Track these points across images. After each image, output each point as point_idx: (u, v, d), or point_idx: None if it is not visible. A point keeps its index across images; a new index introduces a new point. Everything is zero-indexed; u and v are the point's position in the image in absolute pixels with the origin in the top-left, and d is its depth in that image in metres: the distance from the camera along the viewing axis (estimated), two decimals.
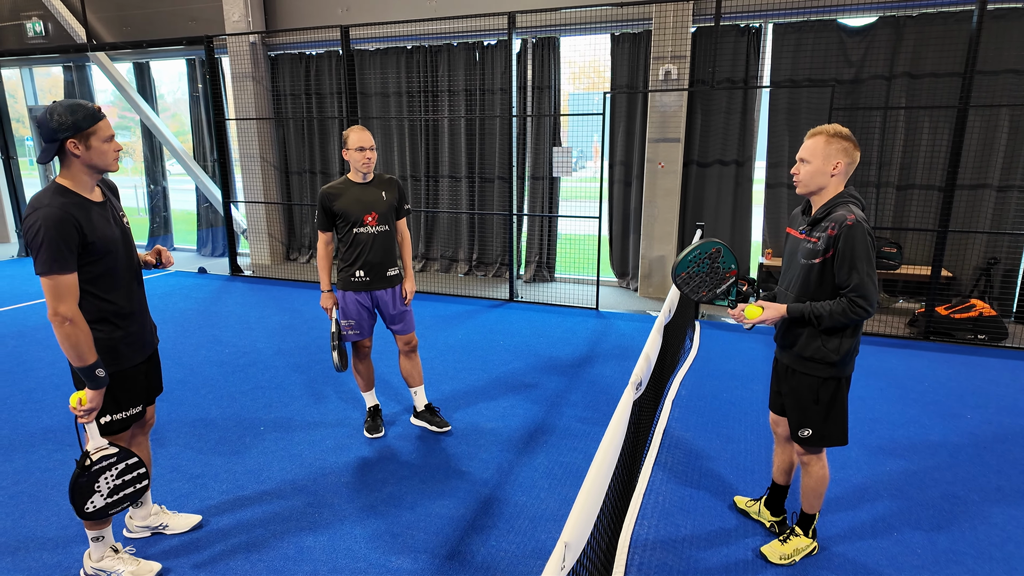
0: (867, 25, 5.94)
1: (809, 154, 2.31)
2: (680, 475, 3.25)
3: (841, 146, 2.27)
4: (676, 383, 4.43)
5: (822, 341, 2.35)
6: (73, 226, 2.04)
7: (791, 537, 2.64)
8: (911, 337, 5.53)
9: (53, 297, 2.03)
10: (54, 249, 2.00)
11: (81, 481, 2.15)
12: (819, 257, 2.30)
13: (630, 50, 6.70)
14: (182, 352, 5.10)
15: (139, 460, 2.32)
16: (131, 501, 2.33)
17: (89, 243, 2.09)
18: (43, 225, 1.99)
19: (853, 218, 2.21)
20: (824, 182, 2.32)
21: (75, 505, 2.16)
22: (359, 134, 3.33)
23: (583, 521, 1.47)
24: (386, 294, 3.50)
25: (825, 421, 2.44)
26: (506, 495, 3.07)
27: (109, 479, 2.21)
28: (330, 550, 2.65)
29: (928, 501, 3.02)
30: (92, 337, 2.11)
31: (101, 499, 2.21)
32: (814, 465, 2.53)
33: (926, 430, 3.76)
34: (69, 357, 2.08)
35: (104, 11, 8.95)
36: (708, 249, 2.48)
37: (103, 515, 2.24)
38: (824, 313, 2.29)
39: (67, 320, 2.04)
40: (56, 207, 2.03)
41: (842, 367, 2.39)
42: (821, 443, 2.47)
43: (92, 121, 2.10)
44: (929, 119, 5.93)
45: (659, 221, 6.74)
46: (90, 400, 2.12)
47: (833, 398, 2.42)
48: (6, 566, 2.54)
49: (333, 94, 8.16)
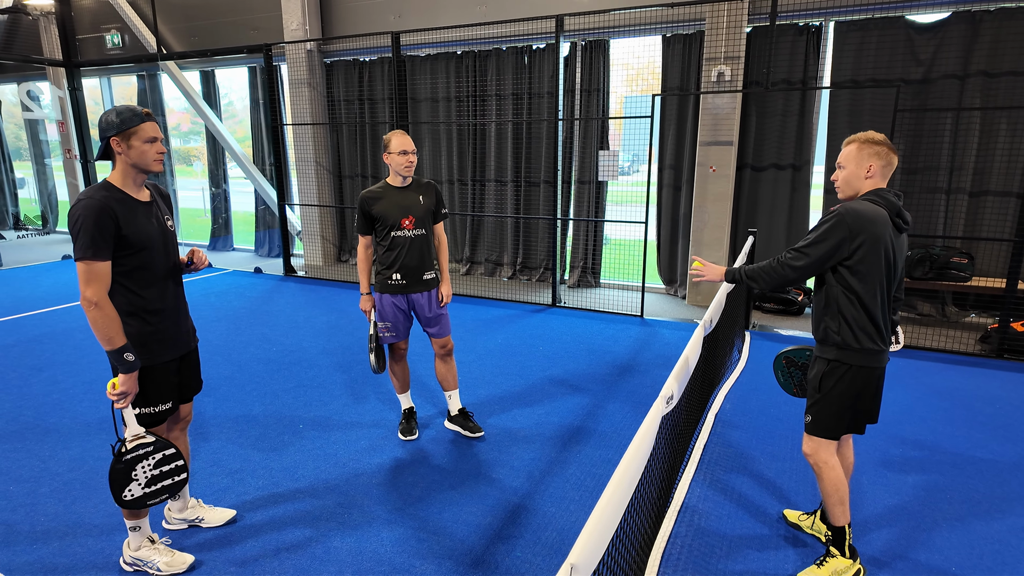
0: (938, 21, 5.59)
1: (844, 160, 2.40)
2: (720, 493, 3.11)
3: (873, 150, 2.33)
4: (720, 396, 4.27)
5: (827, 319, 2.39)
6: (110, 217, 2.15)
7: (827, 559, 2.49)
8: (982, 354, 5.14)
9: (84, 281, 2.13)
10: (90, 236, 2.11)
11: (118, 468, 2.24)
12: None
13: (682, 52, 6.53)
14: (232, 349, 5.28)
15: (176, 452, 2.38)
16: (170, 494, 2.39)
17: (123, 235, 2.19)
18: (82, 214, 2.12)
19: (842, 208, 2.29)
20: (860, 185, 2.39)
21: (113, 492, 2.25)
22: (401, 138, 3.36)
23: (594, 543, 1.40)
24: (422, 297, 3.51)
25: (820, 408, 2.43)
26: (535, 505, 3.01)
27: (146, 468, 2.29)
28: (356, 552, 2.67)
29: (993, 535, 2.78)
30: (120, 322, 2.19)
31: (139, 488, 2.29)
32: (820, 465, 2.47)
33: (995, 455, 3.47)
34: (100, 340, 2.17)
35: (174, 23, 9.44)
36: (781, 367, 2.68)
37: (141, 505, 2.32)
38: (755, 273, 2.42)
39: (93, 304, 2.13)
40: (97, 199, 2.15)
41: (848, 352, 2.34)
42: (815, 430, 2.45)
43: (135, 122, 2.21)
44: (1007, 120, 5.52)
45: (709, 227, 6.53)
46: (122, 384, 2.19)
47: (833, 383, 2.38)
48: (54, 550, 2.67)
49: (385, 99, 8.31)
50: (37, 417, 3.95)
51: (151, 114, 2.27)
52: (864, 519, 2.88)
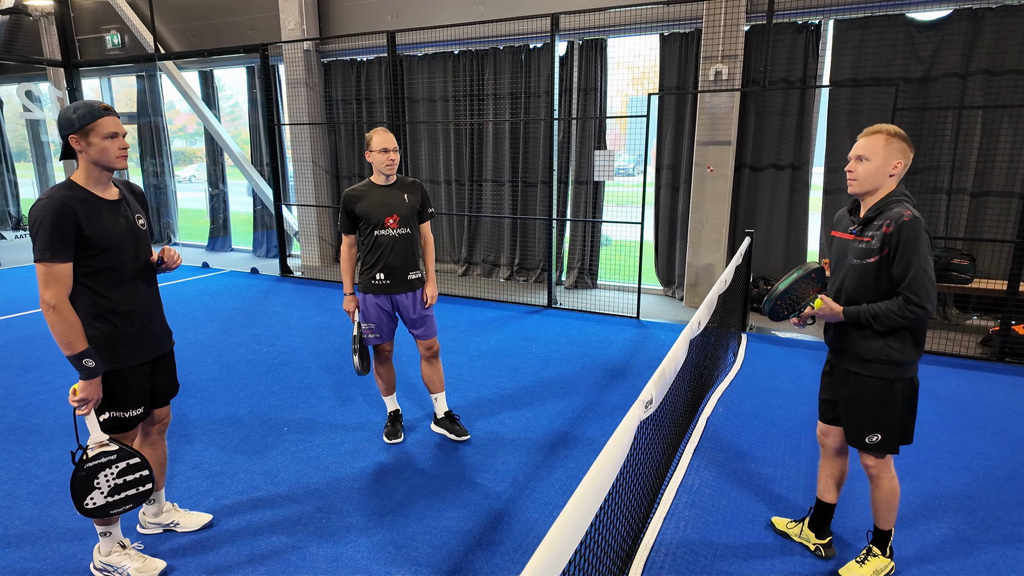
0: (939, 19, 5.50)
1: (870, 152, 2.21)
2: (707, 499, 3.04)
3: (900, 146, 2.20)
4: (713, 400, 4.19)
5: (886, 340, 2.24)
6: (69, 217, 2.09)
7: (869, 558, 2.46)
8: (983, 358, 5.04)
9: (42, 283, 2.07)
10: (48, 237, 2.05)
11: (79, 476, 2.17)
12: (874, 256, 2.20)
13: (680, 51, 6.45)
14: (222, 350, 5.24)
15: (142, 461, 2.30)
16: (134, 503, 2.31)
17: (85, 236, 2.13)
18: (40, 214, 2.06)
19: (910, 214, 2.13)
20: (881, 182, 2.23)
21: (75, 500, 2.19)
22: (382, 136, 3.30)
23: (552, 557, 1.33)
24: (406, 298, 3.45)
25: (893, 424, 2.29)
26: (518, 511, 2.95)
27: (109, 477, 2.22)
28: (333, 559, 2.61)
29: (987, 544, 2.70)
30: (81, 326, 2.12)
31: (101, 497, 2.22)
32: (883, 477, 2.37)
33: (992, 462, 3.39)
34: (59, 345, 2.10)
35: (173, 23, 9.43)
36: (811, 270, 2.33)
37: (104, 514, 2.25)
38: (880, 313, 2.19)
39: (52, 307, 2.06)
40: (57, 199, 2.09)
41: (909, 366, 2.26)
42: (889, 448, 2.31)
43: (91, 118, 2.14)
44: (1010, 119, 5.42)
45: (707, 228, 6.45)
46: (82, 390, 2.13)
47: (902, 400, 2.27)
48: (26, 554, 2.62)
49: (382, 99, 8.27)
50: (21, 418, 3.91)
51: (111, 109, 2.20)
52: (855, 528, 2.80)
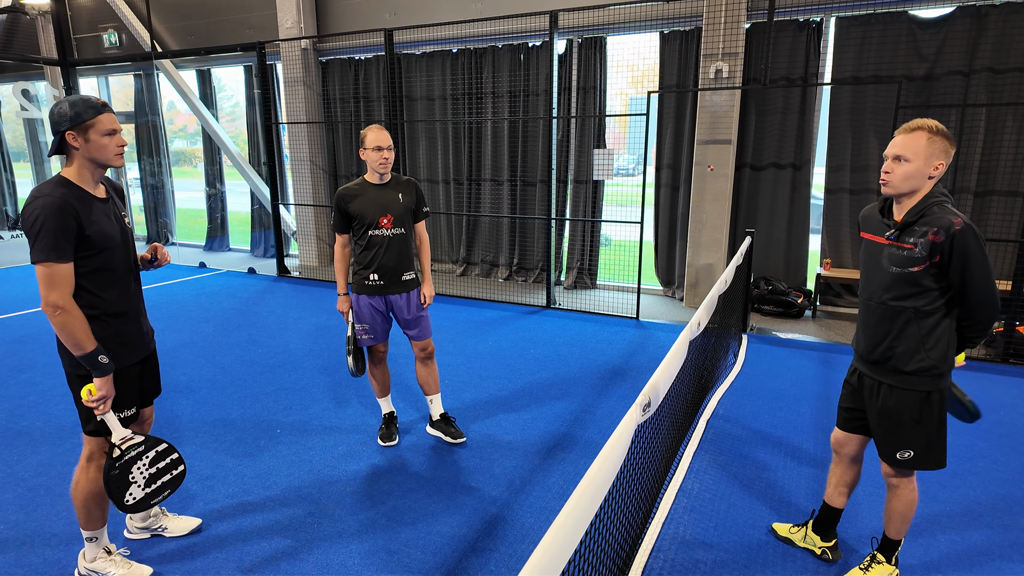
0: (942, 16, 5.44)
1: (910, 151, 2.04)
2: (707, 503, 2.98)
3: (943, 145, 2.04)
4: (713, 402, 4.13)
5: (926, 351, 2.11)
6: (72, 216, 2.03)
7: (873, 565, 2.40)
8: (986, 359, 4.98)
9: (46, 285, 2.01)
10: (52, 236, 1.99)
11: (114, 474, 2.18)
12: (919, 265, 2.06)
13: (680, 48, 6.39)
14: (217, 350, 5.18)
15: (168, 446, 2.36)
16: (172, 489, 2.38)
17: (86, 235, 2.08)
18: (41, 213, 1.99)
19: (960, 221, 1.98)
20: (920, 184, 2.07)
21: (114, 500, 2.19)
22: (376, 133, 3.24)
23: (546, 565, 1.28)
24: (400, 299, 3.39)
25: (928, 441, 2.19)
26: (513, 515, 2.89)
27: (142, 469, 2.25)
28: (323, 565, 2.55)
29: (992, 549, 2.63)
30: (88, 325, 2.09)
31: (140, 490, 2.25)
32: (905, 488, 2.29)
33: (997, 466, 3.32)
34: (69, 347, 2.06)
35: (171, 21, 9.38)
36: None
37: (146, 506, 2.28)
38: (978, 340, 2.18)
39: (59, 308, 2.02)
40: (56, 197, 2.03)
41: (945, 377, 2.17)
42: (919, 466, 2.21)
43: (92, 114, 2.09)
44: (1014, 117, 5.35)
45: (707, 227, 6.39)
46: (99, 388, 2.12)
47: (938, 415, 2.18)
48: (9, 561, 2.56)
49: (380, 98, 8.21)
50: (10, 420, 3.85)
51: (107, 105, 2.15)
52: (858, 533, 2.74)
